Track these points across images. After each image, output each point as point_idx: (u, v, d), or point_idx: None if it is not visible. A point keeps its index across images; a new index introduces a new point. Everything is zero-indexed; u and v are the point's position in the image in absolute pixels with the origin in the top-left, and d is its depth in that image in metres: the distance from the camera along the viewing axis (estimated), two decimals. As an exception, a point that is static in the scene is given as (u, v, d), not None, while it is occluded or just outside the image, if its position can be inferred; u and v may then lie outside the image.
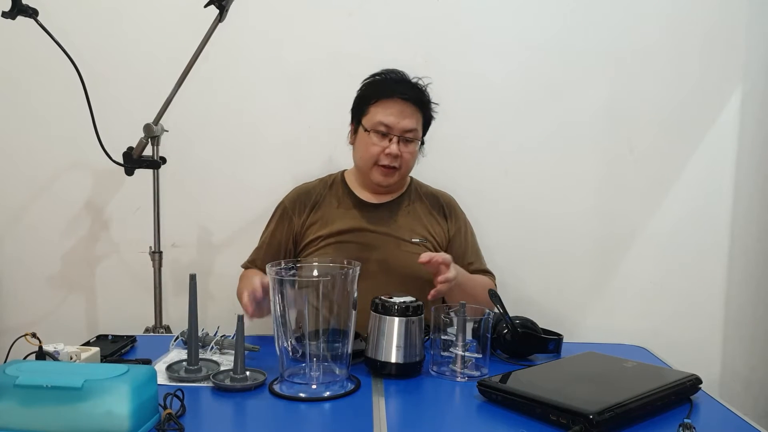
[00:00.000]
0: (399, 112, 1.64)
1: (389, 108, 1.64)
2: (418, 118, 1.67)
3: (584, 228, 2.16)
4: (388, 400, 1.18)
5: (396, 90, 1.65)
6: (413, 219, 1.75)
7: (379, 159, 1.66)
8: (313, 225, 1.73)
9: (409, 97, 1.65)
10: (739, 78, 2.11)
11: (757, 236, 2.15)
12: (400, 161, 1.66)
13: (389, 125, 1.64)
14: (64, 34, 1.63)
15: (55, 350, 1.21)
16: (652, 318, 2.15)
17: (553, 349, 1.45)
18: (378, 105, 1.66)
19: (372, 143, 1.65)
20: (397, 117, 1.63)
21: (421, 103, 1.68)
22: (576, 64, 2.11)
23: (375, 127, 1.65)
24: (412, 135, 1.66)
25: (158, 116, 1.75)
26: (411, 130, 1.65)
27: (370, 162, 1.67)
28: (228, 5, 1.67)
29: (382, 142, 1.65)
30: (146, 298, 1.88)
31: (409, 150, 1.67)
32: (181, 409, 1.08)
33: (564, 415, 1.03)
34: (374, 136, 1.65)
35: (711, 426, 1.11)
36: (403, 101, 1.64)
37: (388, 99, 1.65)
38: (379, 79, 1.70)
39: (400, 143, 1.64)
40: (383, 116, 1.64)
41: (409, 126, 1.64)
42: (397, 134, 1.64)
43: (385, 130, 1.64)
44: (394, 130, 1.64)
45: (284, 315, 1.20)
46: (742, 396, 2.18)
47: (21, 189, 2.16)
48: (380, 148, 1.65)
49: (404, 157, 1.66)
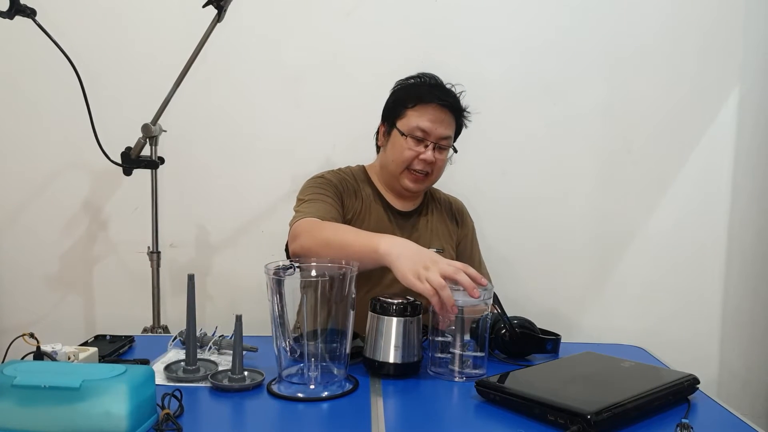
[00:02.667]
0: (437, 118, 1.61)
1: (427, 114, 1.61)
2: (453, 125, 1.66)
3: (582, 227, 2.16)
4: (386, 400, 1.18)
5: (435, 95, 1.62)
6: (431, 230, 1.73)
7: (412, 164, 1.63)
8: (348, 216, 1.66)
9: (447, 104, 1.62)
10: (736, 78, 2.11)
11: (755, 236, 2.15)
12: (432, 167, 1.64)
13: (426, 131, 1.61)
14: (62, 34, 1.63)
15: (53, 350, 1.21)
16: (650, 318, 2.15)
17: (551, 349, 1.45)
18: (416, 109, 1.62)
19: (407, 147, 1.62)
20: (434, 123, 1.61)
21: (457, 111, 1.66)
22: (574, 63, 2.11)
23: (412, 132, 1.61)
24: (446, 143, 1.64)
25: (156, 116, 1.75)
26: (446, 138, 1.63)
27: (402, 166, 1.64)
28: (226, 5, 1.67)
29: (418, 147, 1.61)
30: (144, 298, 1.88)
31: (442, 157, 1.65)
32: (179, 409, 1.08)
33: (562, 415, 1.03)
34: (410, 141, 1.62)
35: (708, 426, 1.11)
36: (441, 108, 1.62)
37: (427, 104, 1.62)
38: (416, 83, 1.67)
39: (435, 150, 1.62)
40: (421, 121, 1.61)
41: (445, 133, 1.62)
42: (433, 140, 1.61)
43: (421, 135, 1.61)
44: (430, 136, 1.61)
45: (282, 315, 1.20)
46: (740, 396, 2.19)
47: (19, 189, 2.16)
48: (415, 153, 1.61)
49: (437, 164, 1.64)
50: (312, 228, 1.46)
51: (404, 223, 1.71)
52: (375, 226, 1.65)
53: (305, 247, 1.41)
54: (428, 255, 1.26)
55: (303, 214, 1.52)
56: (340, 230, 1.46)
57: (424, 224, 1.73)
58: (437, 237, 1.73)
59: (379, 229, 1.63)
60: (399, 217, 1.71)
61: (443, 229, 1.76)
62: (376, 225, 1.66)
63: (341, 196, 1.63)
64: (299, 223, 1.49)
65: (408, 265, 1.23)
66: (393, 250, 1.28)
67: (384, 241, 1.30)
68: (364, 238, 1.37)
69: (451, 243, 1.75)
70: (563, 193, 2.15)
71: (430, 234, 1.73)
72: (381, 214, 1.69)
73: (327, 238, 1.41)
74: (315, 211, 1.53)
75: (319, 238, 1.42)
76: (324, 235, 1.42)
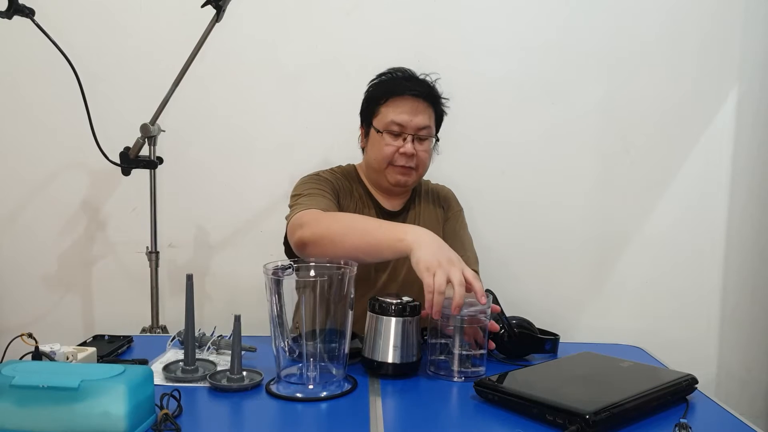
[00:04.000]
0: (411, 109, 1.58)
1: (400, 106, 1.59)
2: (431, 114, 1.62)
3: (581, 227, 2.16)
4: (384, 400, 1.18)
5: (406, 87, 1.59)
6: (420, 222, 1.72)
7: (394, 159, 1.60)
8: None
9: (420, 93, 1.59)
10: (735, 78, 2.12)
11: (753, 236, 2.15)
12: (416, 161, 1.61)
13: (402, 124, 1.58)
14: (61, 34, 1.63)
15: (52, 350, 1.21)
16: (649, 318, 2.16)
17: (550, 349, 1.45)
18: (389, 104, 1.60)
19: (386, 144, 1.59)
20: (409, 115, 1.58)
21: (433, 98, 1.62)
22: (573, 64, 2.11)
23: (388, 128, 1.59)
24: (426, 132, 1.60)
25: (155, 116, 1.75)
26: (425, 127, 1.60)
27: (384, 163, 1.61)
28: (225, 5, 1.67)
29: (396, 142, 1.59)
30: (143, 298, 1.88)
31: (424, 148, 1.61)
32: (178, 410, 1.08)
33: (560, 415, 1.03)
34: (387, 137, 1.59)
35: (707, 426, 1.11)
36: (414, 98, 1.59)
37: (399, 97, 1.59)
38: (386, 79, 1.64)
39: (415, 141, 1.59)
40: (395, 115, 1.58)
41: (422, 123, 1.59)
42: (411, 132, 1.58)
43: (398, 129, 1.58)
44: (407, 128, 1.58)
45: (281, 315, 1.20)
46: (738, 395, 2.19)
47: (17, 189, 2.16)
48: (394, 148, 1.59)
49: (420, 155, 1.60)
50: (319, 218, 1.43)
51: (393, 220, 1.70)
52: None
53: (315, 235, 1.37)
54: (448, 254, 1.27)
55: (303, 206, 1.48)
56: (357, 219, 1.46)
57: (413, 218, 1.73)
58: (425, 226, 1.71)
59: None
60: (388, 216, 1.71)
61: (430, 217, 1.75)
62: None
63: (338, 194, 1.62)
64: (301, 213, 1.45)
65: (427, 256, 1.24)
66: (420, 239, 1.28)
67: (412, 230, 1.31)
68: (388, 225, 1.36)
69: (438, 229, 1.73)
70: (562, 193, 2.15)
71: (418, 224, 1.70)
72: (372, 215, 1.68)
73: (342, 226, 1.38)
74: (316, 204, 1.50)
75: (332, 226, 1.39)
76: (339, 225, 1.39)
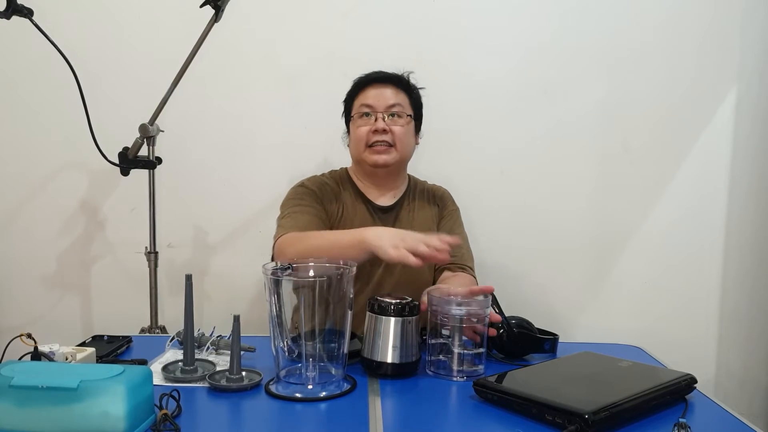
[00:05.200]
0: (378, 93, 1.67)
1: (367, 93, 1.68)
2: (401, 96, 1.68)
3: (579, 227, 2.16)
4: (384, 400, 1.18)
5: (372, 77, 1.69)
6: (414, 218, 1.75)
7: (368, 139, 1.65)
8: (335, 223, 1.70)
9: (386, 79, 1.68)
10: (734, 78, 2.12)
11: (752, 235, 2.15)
12: (392, 137, 1.65)
13: (371, 105, 1.66)
14: (60, 34, 1.63)
15: (51, 351, 1.21)
16: (648, 317, 2.16)
17: (549, 349, 1.46)
18: (359, 96, 1.70)
19: (358, 126, 1.67)
20: (377, 97, 1.66)
21: (401, 83, 1.69)
22: (572, 63, 2.11)
23: (359, 110, 1.68)
24: (397, 109, 1.66)
25: (154, 116, 1.75)
26: (395, 105, 1.66)
27: (361, 145, 1.67)
28: (224, 5, 1.67)
29: (369, 121, 1.66)
30: (142, 298, 1.88)
31: (398, 124, 1.66)
32: (177, 410, 1.08)
33: (559, 415, 1.03)
34: (359, 120, 1.67)
35: (706, 425, 1.11)
36: (381, 84, 1.67)
37: (366, 86, 1.69)
38: (357, 79, 1.73)
39: (387, 118, 1.65)
40: (363, 99, 1.68)
41: (391, 101, 1.66)
42: (381, 111, 1.65)
43: (368, 110, 1.66)
44: (377, 108, 1.65)
45: (280, 315, 1.20)
46: (738, 395, 2.19)
47: (16, 189, 2.16)
48: (368, 127, 1.65)
49: (395, 131, 1.65)
50: (296, 240, 1.52)
51: (386, 216, 1.74)
52: (360, 223, 1.68)
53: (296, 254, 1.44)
54: (404, 232, 1.38)
55: (283, 229, 1.57)
56: (326, 234, 1.56)
57: (406, 214, 1.75)
58: (419, 223, 1.74)
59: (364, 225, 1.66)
60: (381, 211, 1.74)
61: (425, 215, 1.77)
62: (360, 222, 1.69)
63: (322, 202, 1.68)
64: (281, 239, 1.54)
65: (387, 242, 1.35)
66: (376, 233, 1.40)
67: (368, 230, 1.43)
68: (350, 233, 1.46)
69: (433, 227, 1.76)
70: (561, 193, 2.15)
71: (412, 221, 1.74)
72: (364, 211, 1.72)
73: (315, 243, 1.48)
74: (294, 224, 1.58)
75: (307, 244, 1.49)
76: (311, 242, 1.49)
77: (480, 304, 1.31)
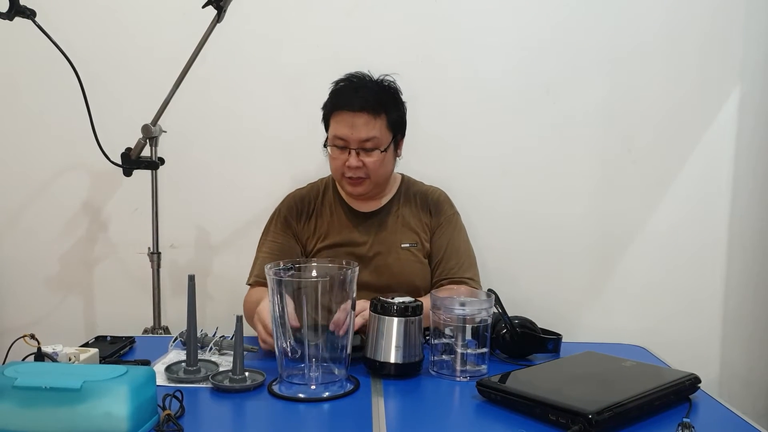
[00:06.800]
0: (352, 123, 1.58)
1: (343, 120, 1.60)
2: (377, 125, 1.60)
3: (583, 227, 2.16)
4: (387, 400, 1.18)
5: (346, 102, 1.60)
6: (402, 224, 1.72)
7: (344, 172, 1.63)
8: (310, 236, 1.72)
9: (359, 107, 1.58)
10: (737, 77, 2.11)
11: (756, 235, 2.15)
12: (366, 170, 1.61)
13: (344, 138, 1.60)
14: (62, 35, 1.63)
15: (54, 351, 1.21)
16: (651, 317, 2.15)
17: (552, 349, 1.45)
18: (334, 117, 1.63)
19: (333, 157, 1.64)
20: (350, 128, 1.58)
21: (375, 109, 1.60)
22: (574, 63, 2.11)
23: (333, 142, 1.63)
24: (371, 144, 1.59)
25: (156, 117, 1.75)
26: (368, 140, 1.59)
27: (338, 175, 1.66)
28: (226, 6, 1.67)
29: (342, 155, 1.61)
30: (145, 299, 1.88)
31: (372, 159, 1.61)
32: (180, 410, 1.08)
33: (563, 415, 1.03)
34: (334, 151, 1.63)
35: (710, 425, 1.11)
36: (353, 113, 1.59)
37: (340, 111, 1.61)
38: (335, 89, 1.66)
39: (360, 154, 1.60)
40: (338, 129, 1.61)
41: (364, 136, 1.58)
42: (354, 147, 1.59)
43: (342, 143, 1.61)
44: (350, 142, 1.59)
45: (283, 316, 1.20)
46: (741, 395, 2.19)
47: (19, 190, 2.16)
48: (341, 162, 1.62)
49: (368, 166, 1.61)
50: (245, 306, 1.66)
51: (369, 222, 1.72)
52: (338, 229, 1.71)
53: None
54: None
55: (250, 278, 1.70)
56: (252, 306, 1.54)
57: (394, 220, 1.72)
58: (408, 230, 1.71)
59: (345, 233, 1.70)
60: (363, 217, 1.72)
61: (415, 221, 1.73)
62: (339, 229, 1.71)
63: (291, 224, 1.73)
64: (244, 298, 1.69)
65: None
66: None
67: None
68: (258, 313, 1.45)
69: (424, 235, 1.72)
70: (564, 193, 2.15)
71: (400, 228, 1.71)
72: (343, 218, 1.72)
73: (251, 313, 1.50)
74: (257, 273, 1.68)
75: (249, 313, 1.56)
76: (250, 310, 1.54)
77: (482, 304, 1.31)
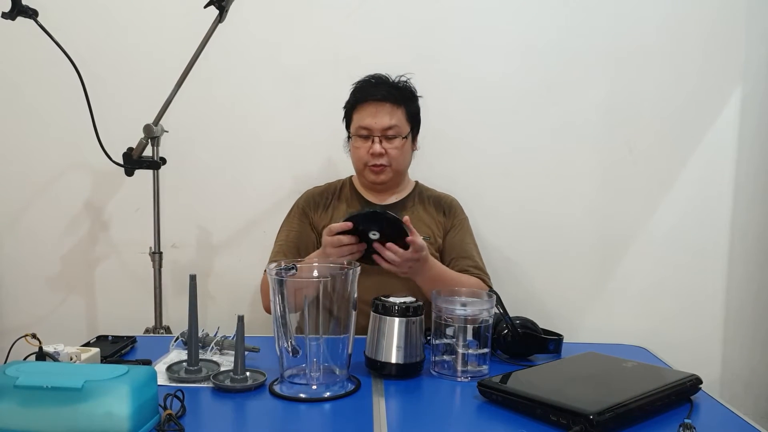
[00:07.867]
0: (374, 112, 1.71)
1: (365, 111, 1.72)
2: (397, 114, 1.72)
3: (584, 228, 2.16)
4: (388, 400, 1.18)
5: (368, 93, 1.73)
6: (417, 219, 1.76)
7: (367, 160, 1.73)
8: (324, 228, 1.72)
9: (381, 97, 1.71)
10: (738, 78, 2.11)
11: (757, 236, 2.15)
12: (388, 158, 1.72)
13: (368, 127, 1.71)
14: (64, 35, 1.63)
15: (55, 351, 1.21)
16: (652, 318, 2.15)
17: (553, 350, 1.45)
18: (356, 111, 1.74)
19: (357, 147, 1.74)
20: (373, 117, 1.70)
21: (396, 99, 1.72)
22: (575, 64, 2.11)
23: (357, 132, 1.73)
24: (393, 132, 1.71)
25: (158, 117, 1.75)
26: (390, 127, 1.71)
27: (360, 165, 1.76)
28: (228, 6, 1.67)
29: (366, 144, 1.72)
30: (146, 298, 1.88)
31: (394, 146, 1.72)
32: (182, 410, 1.08)
33: (564, 416, 1.03)
34: (358, 141, 1.73)
35: (711, 426, 1.11)
36: (376, 102, 1.71)
37: (363, 103, 1.73)
38: (356, 87, 1.77)
39: (383, 141, 1.71)
40: (361, 120, 1.72)
41: (387, 124, 1.70)
42: (377, 134, 1.71)
43: (365, 132, 1.72)
44: (373, 130, 1.71)
45: (284, 315, 1.20)
46: (743, 396, 2.18)
47: (21, 190, 2.17)
48: (365, 150, 1.72)
49: (390, 153, 1.72)
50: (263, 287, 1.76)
51: None
52: None
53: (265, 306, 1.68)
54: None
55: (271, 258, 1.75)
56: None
57: (409, 214, 1.73)
58: (422, 224, 1.77)
59: None
60: None
61: (429, 219, 1.80)
62: None
63: (308, 214, 1.81)
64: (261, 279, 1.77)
65: None
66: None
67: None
68: None
69: (438, 231, 1.79)
70: (565, 194, 2.15)
71: (415, 221, 1.72)
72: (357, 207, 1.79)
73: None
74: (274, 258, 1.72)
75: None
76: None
77: (483, 305, 1.31)
